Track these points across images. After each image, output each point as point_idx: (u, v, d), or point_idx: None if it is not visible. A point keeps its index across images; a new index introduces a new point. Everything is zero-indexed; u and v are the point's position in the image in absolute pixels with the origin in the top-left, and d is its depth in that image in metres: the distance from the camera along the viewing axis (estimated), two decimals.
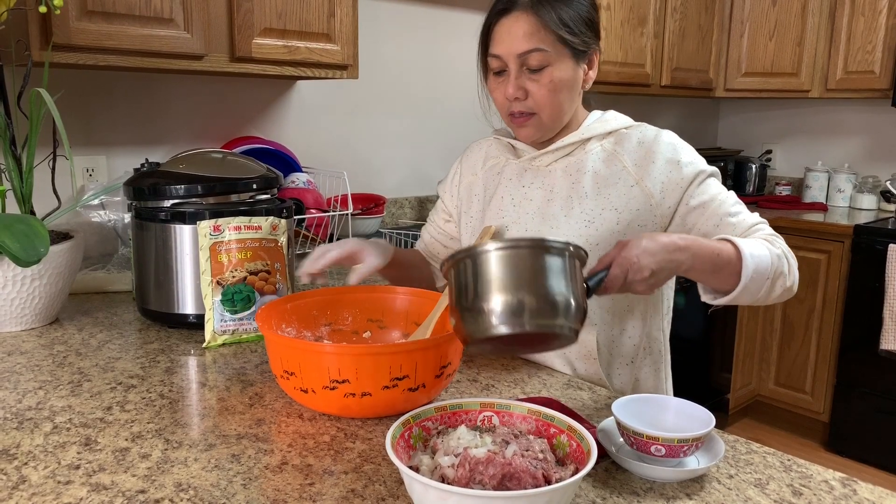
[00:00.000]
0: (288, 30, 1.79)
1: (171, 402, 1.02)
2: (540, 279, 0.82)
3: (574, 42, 1.13)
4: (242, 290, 1.27)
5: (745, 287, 1.03)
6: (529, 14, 1.11)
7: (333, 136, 2.40)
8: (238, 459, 0.85)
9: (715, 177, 1.18)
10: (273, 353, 0.96)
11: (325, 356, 0.90)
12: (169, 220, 1.32)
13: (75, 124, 1.85)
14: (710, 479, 0.83)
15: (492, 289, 0.81)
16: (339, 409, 0.94)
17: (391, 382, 0.90)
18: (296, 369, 0.92)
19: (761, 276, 1.03)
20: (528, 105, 1.15)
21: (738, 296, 1.04)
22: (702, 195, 1.15)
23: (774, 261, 1.05)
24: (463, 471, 0.70)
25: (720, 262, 1.01)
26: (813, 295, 3.05)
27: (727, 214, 1.13)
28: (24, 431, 0.92)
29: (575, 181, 1.19)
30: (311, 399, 0.94)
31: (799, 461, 0.88)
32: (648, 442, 0.79)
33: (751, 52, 3.27)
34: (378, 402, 0.91)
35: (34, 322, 1.35)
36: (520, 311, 0.80)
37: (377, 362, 0.89)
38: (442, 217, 1.40)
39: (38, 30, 1.44)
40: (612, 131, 1.21)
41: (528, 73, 1.14)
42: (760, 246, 1.05)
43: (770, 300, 1.09)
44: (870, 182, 3.33)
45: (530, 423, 0.80)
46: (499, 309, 0.80)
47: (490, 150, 1.34)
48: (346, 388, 0.90)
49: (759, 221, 1.14)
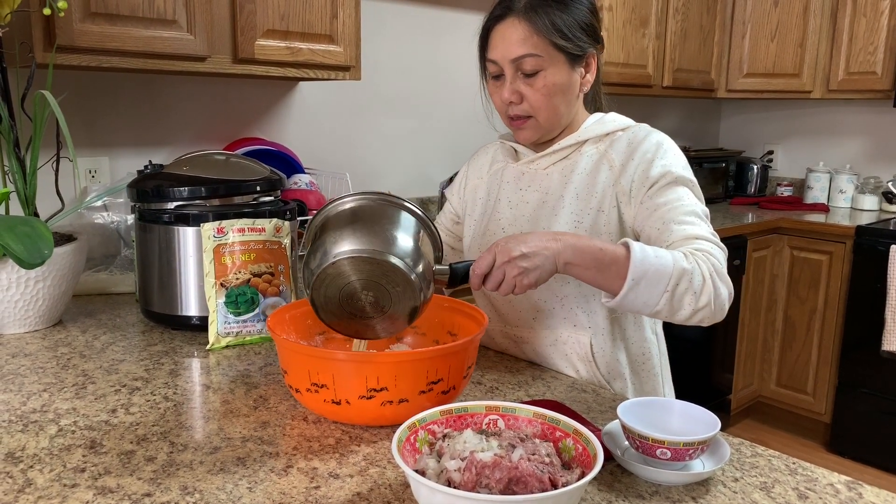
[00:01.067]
0: (291, 31, 1.79)
1: (176, 404, 1.02)
2: (380, 224, 0.96)
3: (568, 47, 1.14)
4: (246, 292, 1.27)
5: (634, 291, 0.99)
6: (523, 20, 1.12)
7: (335, 137, 2.40)
8: (243, 462, 0.85)
9: (684, 184, 1.13)
10: (298, 367, 0.92)
11: (364, 366, 0.89)
12: (172, 222, 1.32)
13: (78, 126, 1.85)
14: (716, 483, 0.83)
15: (343, 235, 0.94)
16: (373, 419, 0.93)
17: (427, 387, 0.91)
18: (328, 381, 0.90)
19: (654, 286, 0.98)
20: (525, 108, 1.17)
21: (627, 300, 1.00)
22: (659, 197, 1.12)
23: (678, 274, 0.99)
24: (469, 475, 0.70)
25: (604, 259, 0.99)
26: (815, 296, 3.05)
27: (672, 221, 1.09)
28: (30, 434, 0.92)
29: (567, 182, 1.21)
30: (344, 411, 0.91)
31: (804, 464, 0.88)
32: (654, 445, 0.79)
33: (752, 53, 3.27)
34: (413, 407, 0.91)
35: (38, 324, 1.35)
36: (358, 244, 0.93)
37: (416, 368, 0.90)
38: (451, 219, 1.41)
39: (42, 32, 1.44)
40: (609, 133, 1.22)
41: (523, 78, 1.15)
42: (667, 256, 1.00)
43: (681, 317, 1.02)
44: (871, 183, 3.33)
45: (536, 426, 0.80)
46: (343, 248, 0.93)
47: (496, 154, 1.35)
48: (384, 396, 0.89)
49: (701, 236, 1.06)
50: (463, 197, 1.38)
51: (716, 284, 1.01)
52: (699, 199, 1.14)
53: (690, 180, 1.15)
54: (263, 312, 1.29)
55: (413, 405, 0.91)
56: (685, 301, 1.00)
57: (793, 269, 3.11)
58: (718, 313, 1.03)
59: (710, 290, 1.01)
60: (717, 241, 1.08)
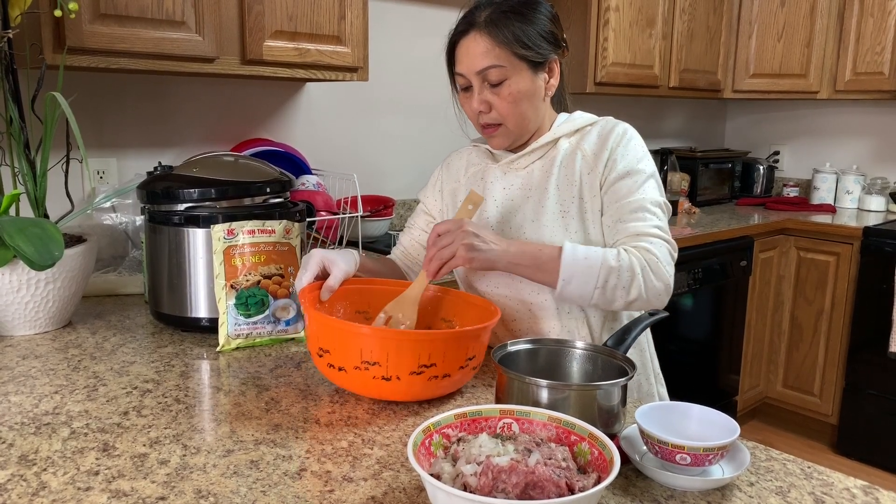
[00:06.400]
0: (299, 32, 1.78)
1: (188, 406, 1.02)
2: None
3: (529, 55, 1.19)
4: (256, 294, 1.27)
5: (566, 289, 1.12)
6: (484, 34, 1.18)
7: (342, 138, 2.39)
8: (257, 466, 0.85)
9: (640, 175, 1.20)
10: (348, 346, 0.99)
11: (418, 344, 0.97)
12: (182, 223, 1.32)
13: (86, 126, 1.85)
14: (731, 487, 0.82)
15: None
16: (417, 393, 1.01)
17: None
18: (381, 359, 0.96)
19: (585, 284, 1.11)
20: (494, 116, 1.23)
21: (564, 295, 1.13)
22: (617, 190, 1.20)
23: (606, 272, 1.11)
24: (486, 479, 0.69)
25: (542, 259, 1.13)
26: (822, 297, 3.04)
27: (620, 220, 1.19)
28: (42, 437, 0.92)
29: (549, 175, 1.26)
30: (393, 386, 0.98)
31: (819, 468, 0.88)
32: (674, 451, 0.78)
33: (759, 54, 3.26)
34: (455, 381, 1.02)
35: (48, 325, 1.35)
36: None
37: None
38: (425, 220, 1.43)
39: (51, 33, 1.44)
40: (579, 129, 1.28)
41: (489, 88, 1.21)
42: (597, 257, 1.11)
43: (616, 308, 1.15)
44: (878, 184, 3.31)
45: (550, 430, 0.80)
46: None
47: (471, 157, 1.40)
48: (431, 371, 0.97)
49: (645, 233, 1.16)
50: (440, 199, 1.41)
51: (647, 278, 1.13)
52: (656, 189, 1.21)
53: (649, 171, 1.22)
54: (273, 314, 1.28)
55: (454, 379, 1.01)
56: (616, 295, 1.12)
57: (799, 270, 3.11)
58: (655, 302, 1.15)
59: (640, 284, 1.12)
60: (662, 235, 1.17)
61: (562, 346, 1.00)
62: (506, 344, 0.98)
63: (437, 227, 1.13)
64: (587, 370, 0.99)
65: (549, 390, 0.86)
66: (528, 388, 0.87)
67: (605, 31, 2.67)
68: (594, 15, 2.65)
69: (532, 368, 0.99)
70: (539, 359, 1.00)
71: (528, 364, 0.99)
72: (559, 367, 1.00)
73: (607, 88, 2.76)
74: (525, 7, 1.20)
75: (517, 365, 0.98)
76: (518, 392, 0.88)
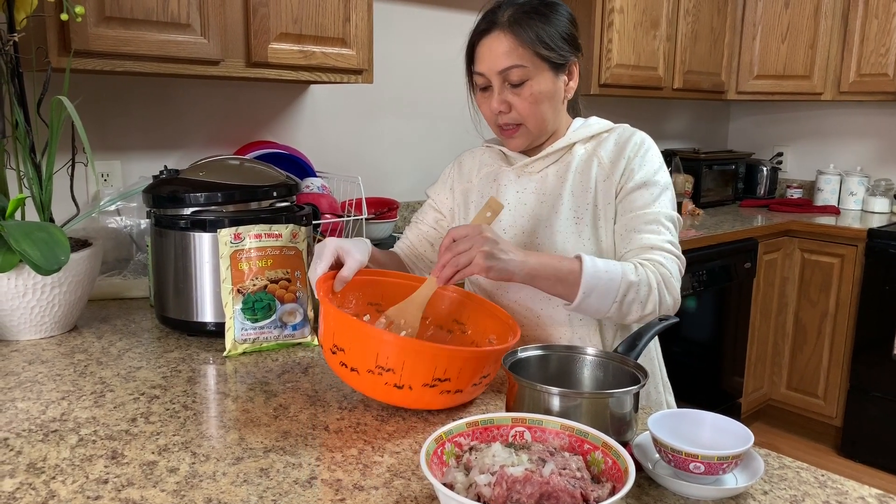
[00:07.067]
0: (304, 35, 1.78)
1: (196, 413, 1.02)
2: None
3: (551, 56, 1.19)
4: (263, 299, 1.26)
5: (585, 302, 1.10)
6: (508, 33, 1.18)
7: (346, 141, 2.39)
8: (267, 474, 0.84)
9: (656, 187, 1.20)
10: (364, 349, 0.97)
11: (436, 358, 0.96)
12: (189, 227, 1.31)
13: (90, 129, 1.84)
14: (745, 496, 0.82)
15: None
16: (427, 404, 1.00)
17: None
18: (396, 366, 0.95)
19: (604, 297, 1.10)
20: (514, 117, 1.22)
21: (581, 308, 1.12)
22: (631, 201, 1.20)
23: (626, 287, 1.10)
24: (500, 489, 0.69)
25: (562, 272, 1.10)
26: (826, 299, 3.03)
27: (634, 230, 1.19)
28: (51, 444, 0.91)
29: (564, 181, 1.26)
30: (403, 395, 0.97)
31: (833, 476, 0.87)
32: (687, 459, 0.78)
33: (763, 55, 3.25)
34: (465, 396, 1.01)
35: (53, 330, 1.34)
36: None
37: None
38: (434, 216, 1.43)
39: (57, 36, 1.43)
40: (595, 135, 1.28)
41: (510, 88, 1.20)
42: (617, 270, 1.10)
43: (629, 321, 1.16)
44: (882, 185, 3.31)
45: (563, 438, 0.79)
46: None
47: (484, 158, 1.39)
48: (444, 386, 0.97)
49: (658, 247, 1.16)
50: (452, 197, 1.40)
51: (661, 294, 1.13)
52: (670, 203, 1.21)
53: (664, 184, 1.22)
54: (280, 319, 1.28)
55: (465, 394, 1.01)
56: (633, 309, 1.13)
57: (803, 272, 3.10)
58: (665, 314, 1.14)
59: (656, 299, 1.13)
60: (674, 251, 1.18)
61: (572, 353, 1.00)
62: (516, 350, 0.98)
63: (452, 231, 1.08)
64: (598, 377, 0.98)
65: (561, 398, 0.85)
66: (540, 396, 0.87)
67: (610, 32, 2.67)
68: (598, 17, 2.64)
69: (542, 375, 0.98)
70: (549, 365, 0.99)
71: (539, 371, 0.99)
72: (570, 373, 0.99)
73: (611, 90, 2.75)
74: (547, 8, 1.20)
75: (527, 372, 0.97)
76: (529, 399, 0.88)
